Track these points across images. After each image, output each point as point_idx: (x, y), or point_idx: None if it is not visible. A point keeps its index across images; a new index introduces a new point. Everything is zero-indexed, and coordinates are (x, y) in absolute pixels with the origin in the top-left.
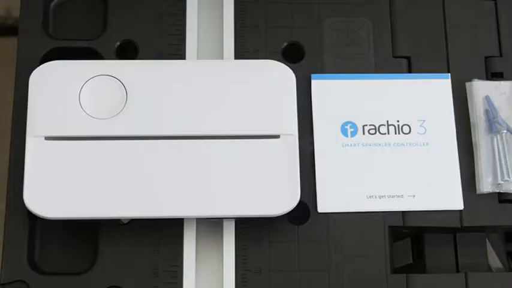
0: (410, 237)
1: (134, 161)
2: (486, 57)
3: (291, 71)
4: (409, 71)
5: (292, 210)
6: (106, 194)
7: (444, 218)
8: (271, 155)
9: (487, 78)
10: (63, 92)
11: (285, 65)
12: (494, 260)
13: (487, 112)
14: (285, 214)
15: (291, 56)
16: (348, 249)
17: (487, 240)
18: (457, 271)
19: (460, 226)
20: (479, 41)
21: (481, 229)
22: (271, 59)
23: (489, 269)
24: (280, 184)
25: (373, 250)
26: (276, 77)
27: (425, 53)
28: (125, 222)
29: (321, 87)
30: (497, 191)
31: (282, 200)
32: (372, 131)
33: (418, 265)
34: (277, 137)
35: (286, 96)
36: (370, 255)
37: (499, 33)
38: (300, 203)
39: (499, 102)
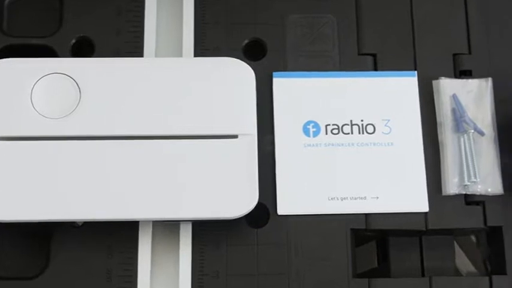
0: (376, 241)
1: (88, 162)
2: (454, 55)
3: (250, 68)
4: (375, 69)
5: (251, 213)
6: (59, 195)
7: (409, 221)
8: (229, 156)
9: (455, 76)
10: (15, 90)
11: (244, 63)
12: (464, 264)
13: (454, 111)
14: (243, 216)
15: (253, 53)
16: (308, 252)
17: (456, 243)
18: (423, 275)
19: (425, 229)
20: (448, 38)
21: (448, 232)
22: (232, 56)
23: (457, 272)
24: (238, 185)
25: (334, 254)
26: (235, 75)
27: (391, 50)
28: (79, 224)
29: (283, 85)
30: (464, 192)
31: (239, 201)
32: (335, 131)
33: (382, 269)
34: (235, 137)
35: (245, 95)
36: (332, 258)
37: (468, 30)
38: (260, 205)
39: (466, 100)
